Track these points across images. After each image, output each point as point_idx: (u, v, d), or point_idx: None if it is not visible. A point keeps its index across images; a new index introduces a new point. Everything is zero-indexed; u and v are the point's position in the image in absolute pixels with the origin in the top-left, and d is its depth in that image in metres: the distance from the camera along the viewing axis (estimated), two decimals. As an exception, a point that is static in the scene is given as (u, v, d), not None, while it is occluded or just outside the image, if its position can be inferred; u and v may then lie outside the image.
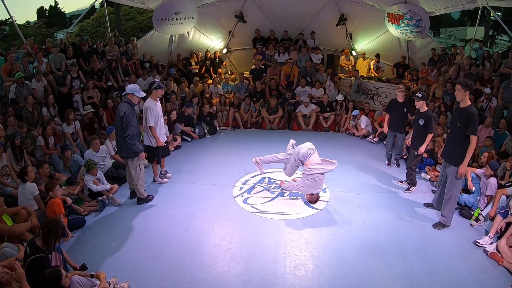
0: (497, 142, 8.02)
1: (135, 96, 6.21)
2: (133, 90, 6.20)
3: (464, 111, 5.51)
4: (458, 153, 5.56)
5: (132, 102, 6.26)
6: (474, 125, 5.38)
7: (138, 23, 23.49)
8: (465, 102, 5.53)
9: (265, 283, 4.69)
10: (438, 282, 4.76)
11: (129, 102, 6.21)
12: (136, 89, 6.24)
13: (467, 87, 5.42)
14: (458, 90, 5.51)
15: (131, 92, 6.18)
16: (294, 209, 6.49)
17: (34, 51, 10.02)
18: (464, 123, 5.44)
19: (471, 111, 5.43)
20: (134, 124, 6.19)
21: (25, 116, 8.03)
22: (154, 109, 6.64)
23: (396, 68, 12.80)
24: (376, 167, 8.38)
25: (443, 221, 5.98)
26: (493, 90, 9.28)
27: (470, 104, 5.55)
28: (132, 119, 6.12)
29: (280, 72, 12.36)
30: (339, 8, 12.99)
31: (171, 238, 5.56)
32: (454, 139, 5.71)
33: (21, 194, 5.82)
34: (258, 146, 9.43)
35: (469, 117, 5.40)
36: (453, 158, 5.68)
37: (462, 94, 5.47)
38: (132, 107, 6.24)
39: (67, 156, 7.24)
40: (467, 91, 5.44)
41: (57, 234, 4.11)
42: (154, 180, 7.46)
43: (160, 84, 6.77)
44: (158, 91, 6.72)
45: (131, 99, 6.21)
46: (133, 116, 6.19)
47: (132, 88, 6.23)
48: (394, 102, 8.07)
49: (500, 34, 24.26)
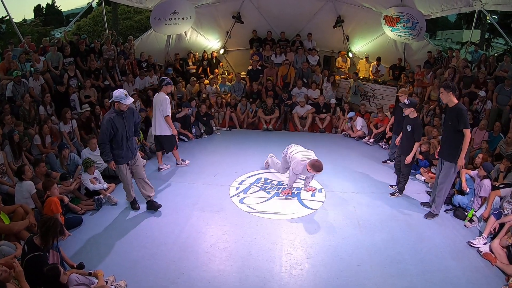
0: (491, 144, 8.10)
1: (121, 103, 5.68)
2: (119, 97, 5.66)
3: (453, 110, 5.81)
4: (452, 149, 5.85)
5: (120, 109, 5.74)
6: (465, 119, 5.66)
7: (135, 22, 23.50)
8: (452, 101, 5.83)
9: (261, 282, 4.73)
10: (431, 281, 4.82)
11: (114, 110, 5.78)
12: (122, 95, 5.67)
13: (449, 89, 5.77)
14: (442, 93, 5.88)
15: (117, 100, 5.67)
16: (290, 209, 6.53)
17: (32, 49, 10.00)
18: (454, 120, 5.73)
19: (460, 108, 5.75)
20: (105, 133, 5.68)
21: (22, 114, 8.01)
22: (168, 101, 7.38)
23: (392, 70, 12.86)
24: (371, 168, 8.43)
25: (433, 211, 6.35)
26: (487, 93, 9.36)
27: (457, 102, 5.86)
28: (103, 127, 5.73)
29: (276, 73, 12.38)
30: (336, 10, 13.03)
31: (168, 237, 5.59)
32: (448, 137, 6.01)
33: (18, 192, 5.83)
34: (254, 146, 9.49)
35: (458, 113, 5.70)
36: (448, 154, 5.94)
37: (446, 96, 5.82)
38: (118, 114, 5.75)
39: (64, 155, 7.24)
40: (450, 92, 5.76)
41: (56, 232, 4.14)
42: (177, 164, 8.23)
43: (169, 81, 7.55)
44: (168, 87, 7.50)
45: (117, 107, 5.72)
46: (109, 124, 5.67)
47: (117, 95, 5.67)
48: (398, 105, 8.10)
49: (496, 37, 24.38)
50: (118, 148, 5.86)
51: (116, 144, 5.82)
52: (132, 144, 6.07)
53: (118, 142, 5.81)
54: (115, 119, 5.71)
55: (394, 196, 7.13)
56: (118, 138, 5.79)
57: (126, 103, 5.71)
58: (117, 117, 5.73)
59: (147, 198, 6.38)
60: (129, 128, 5.92)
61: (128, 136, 5.92)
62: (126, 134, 5.88)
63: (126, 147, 5.93)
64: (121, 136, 5.81)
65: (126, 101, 5.69)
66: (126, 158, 6.02)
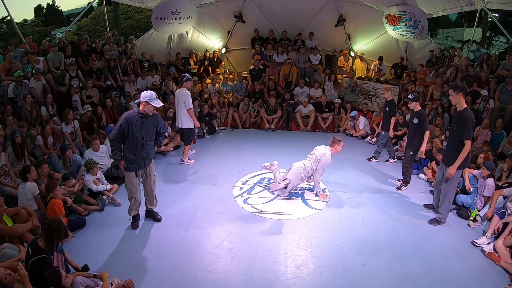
0: (494, 142, 8.09)
1: (150, 104, 5.31)
2: (148, 97, 5.29)
3: (459, 115, 5.62)
4: (454, 156, 5.66)
5: (145, 111, 5.36)
6: (469, 130, 5.46)
7: (136, 22, 23.47)
8: (461, 105, 5.59)
9: (267, 283, 4.72)
10: (436, 281, 4.82)
11: (137, 110, 5.43)
12: (153, 96, 5.34)
13: (459, 90, 5.49)
14: (451, 94, 5.61)
15: (146, 100, 5.28)
16: (294, 209, 6.53)
17: (33, 50, 9.98)
18: (459, 127, 5.56)
19: (466, 116, 5.50)
20: (117, 129, 5.36)
21: (23, 115, 7.99)
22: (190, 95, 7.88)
23: (394, 69, 12.82)
24: (374, 167, 8.44)
25: (439, 218, 6.18)
26: (490, 92, 9.33)
27: (465, 107, 5.61)
28: (121, 124, 5.33)
29: (278, 73, 12.37)
30: (338, 9, 13.02)
31: (172, 239, 5.58)
32: (452, 142, 5.84)
33: (21, 193, 5.81)
34: (257, 146, 9.49)
35: (463, 122, 5.50)
36: (450, 160, 5.76)
37: (456, 97, 5.55)
38: (139, 116, 5.37)
39: (67, 156, 7.23)
40: (460, 93, 5.50)
41: (60, 235, 4.11)
42: (182, 161, 8.40)
43: (189, 77, 8.08)
44: (188, 83, 7.98)
45: (143, 108, 5.35)
46: (125, 122, 5.32)
47: (146, 95, 5.31)
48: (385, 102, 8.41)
49: (497, 36, 24.32)
50: (130, 152, 5.46)
51: (129, 147, 5.44)
52: (147, 153, 5.59)
53: (131, 145, 5.42)
54: (134, 120, 5.33)
55: (400, 190, 7.22)
56: (131, 141, 5.39)
57: (157, 105, 5.36)
58: (137, 119, 5.35)
59: (147, 208, 6.11)
60: (147, 133, 5.46)
61: (144, 143, 5.45)
62: (142, 141, 5.43)
63: (140, 155, 5.49)
64: (136, 140, 5.38)
65: (156, 102, 5.34)
66: (136, 166, 5.57)
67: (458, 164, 5.60)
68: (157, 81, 11.23)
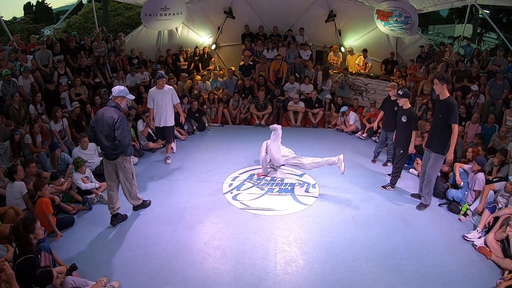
0: (485, 137, 8.12)
1: (125, 98, 5.57)
2: (123, 92, 5.52)
3: (444, 103, 5.89)
4: (441, 142, 5.98)
5: (121, 105, 5.53)
6: (455, 114, 5.77)
7: (126, 18, 23.22)
8: (444, 94, 5.91)
9: (256, 280, 4.69)
10: (427, 276, 4.82)
11: (117, 107, 5.45)
12: (126, 90, 5.62)
13: (443, 80, 5.83)
14: (436, 84, 5.91)
15: (121, 94, 5.47)
16: (284, 205, 6.50)
17: (21, 48, 9.85)
18: (444, 114, 5.82)
19: (451, 102, 5.83)
20: (128, 130, 5.51)
21: (11, 113, 7.90)
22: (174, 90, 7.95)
23: (384, 65, 12.86)
24: (364, 163, 8.44)
25: (423, 202, 6.48)
26: (480, 87, 9.36)
27: (449, 95, 5.94)
28: (126, 126, 5.42)
29: (269, 68, 12.32)
30: (328, 5, 12.99)
31: (161, 236, 5.53)
32: (437, 129, 6.08)
33: (9, 193, 5.76)
34: (247, 142, 9.43)
35: (449, 107, 5.78)
36: (436, 146, 6.04)
37: (440, 87, 5.86)
38: (121, 112, 5.47)
39: (56, 154, 7.15)
40: (444, 84, 5.83)
41: (25, 226, 3.96)
42: (166, 158, 8.29)
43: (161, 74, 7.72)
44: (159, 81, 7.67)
45: (120, 102, 5.52)
46: (126, 122, 5.45)
47: (122, 89, 5.53)
48: (387, 100, 8.12)
49: (488, 32, 24.45)
50: None
51: None
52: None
53: None
54: (124, 118, 5.43)
55: (385, 189, 7.15)
56: None
57: (131, 98, 5.83)
58: (124, 116, 5.47)
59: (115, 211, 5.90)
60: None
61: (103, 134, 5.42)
62: None
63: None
64: None
65: (130, 96, 5.71)
66: None
67: (453, 148, 5.88)
68: (147, 78, 11.11)
